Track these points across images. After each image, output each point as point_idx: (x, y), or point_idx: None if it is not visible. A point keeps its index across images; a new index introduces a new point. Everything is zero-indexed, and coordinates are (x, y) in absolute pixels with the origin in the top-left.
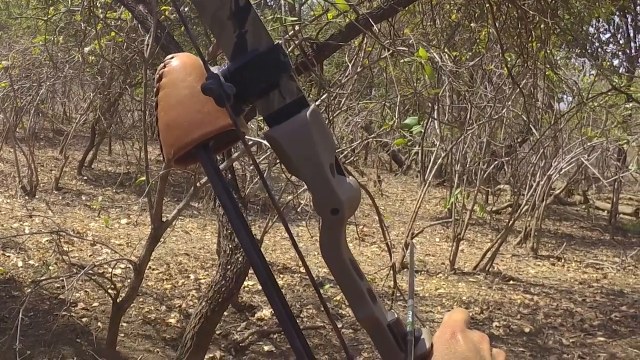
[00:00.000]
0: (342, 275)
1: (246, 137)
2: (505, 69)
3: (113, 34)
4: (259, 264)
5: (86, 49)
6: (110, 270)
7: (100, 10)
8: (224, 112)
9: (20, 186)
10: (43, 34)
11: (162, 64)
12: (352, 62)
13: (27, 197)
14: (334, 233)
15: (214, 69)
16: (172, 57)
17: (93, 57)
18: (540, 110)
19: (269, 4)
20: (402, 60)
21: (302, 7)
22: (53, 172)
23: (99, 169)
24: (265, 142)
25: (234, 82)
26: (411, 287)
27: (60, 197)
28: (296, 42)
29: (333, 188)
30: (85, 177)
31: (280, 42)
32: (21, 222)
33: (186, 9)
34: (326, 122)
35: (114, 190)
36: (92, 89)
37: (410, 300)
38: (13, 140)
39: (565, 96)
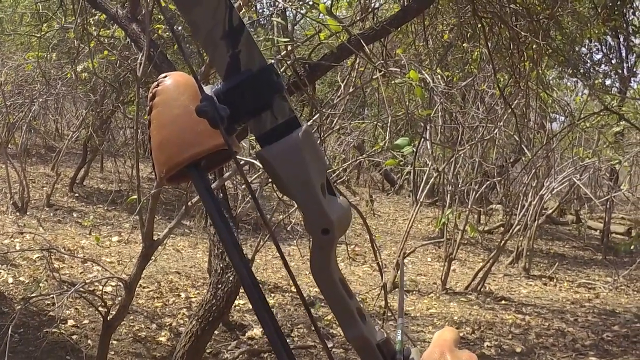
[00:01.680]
0: (332, 295)
1: (238, 156)
2: (497, 89)
3: (106, 52)
4: (249, 284)
5: (79, 67)
6: (100, 288)
7: (94, 28)
8: (216, 132)
9: (11, 202)
10: (36, 50)
11: (156, 83)
12: (345, 82)
13: (18, 214)
14: (324, 253)
15: (207, 89)
16: (166, 76)
17: (86, 75)
18: (532, 130)
19: (262, 23)
20: (393, 82)
21: (295, 27)
22: (44, 188)
23: (90, 186)
24: (257, 162)
25: (227, 102)
26: (401, 306)
27: (51, 214)
28: (288, 62)
29: (324, 208)
30: (76, 194)
31: (272, 62)
32: (12, 239)
33: (179, 28)
34: (318, 142)
35: (106, 208)
36: (85, 106)
37: (400, 319)
38: (5, 156)
39: (557, 116)
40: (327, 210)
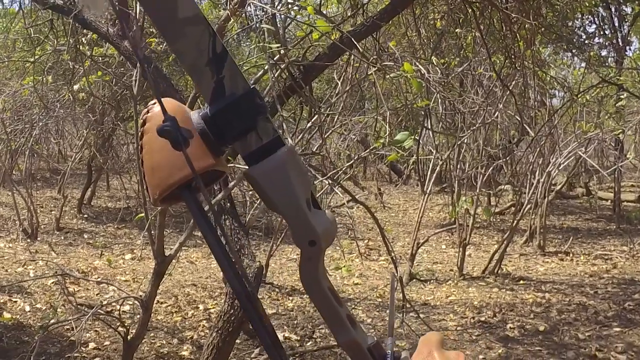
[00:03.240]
0: (322, 303)
1: (237, 165)
2: (494, 72)
3: (100, 73)
4: (244, 299)
5: (75, 87)
6: (118, 308)
7: (87, 48)
8: (205, 153)
9: (21, 229)
10: (31, 75)
11: (146, 110)
12: (341, 79)
13: (29, 240)
14: (312, 263)
15: (194, 114)
16: (155, 103)
17: (83, 95)
18: (533, 108)
19: (254, 27)
20: (388, 76)
21: (287, 29)
22: (53, 212)
23: (98, 205)
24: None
25: (214, 125)
26: (391, 325)
27: (62, 238)
28: (282, 66)
29: (310, 222)
30: (85, 215)
31: (266, 67)
32: (25, 266)
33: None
34: (320, 142)
35: (116, 226)
36: (85, 126)
37: (390, 338)
38: (10, 183)
39: (557, 92)
40: (313, 224)
